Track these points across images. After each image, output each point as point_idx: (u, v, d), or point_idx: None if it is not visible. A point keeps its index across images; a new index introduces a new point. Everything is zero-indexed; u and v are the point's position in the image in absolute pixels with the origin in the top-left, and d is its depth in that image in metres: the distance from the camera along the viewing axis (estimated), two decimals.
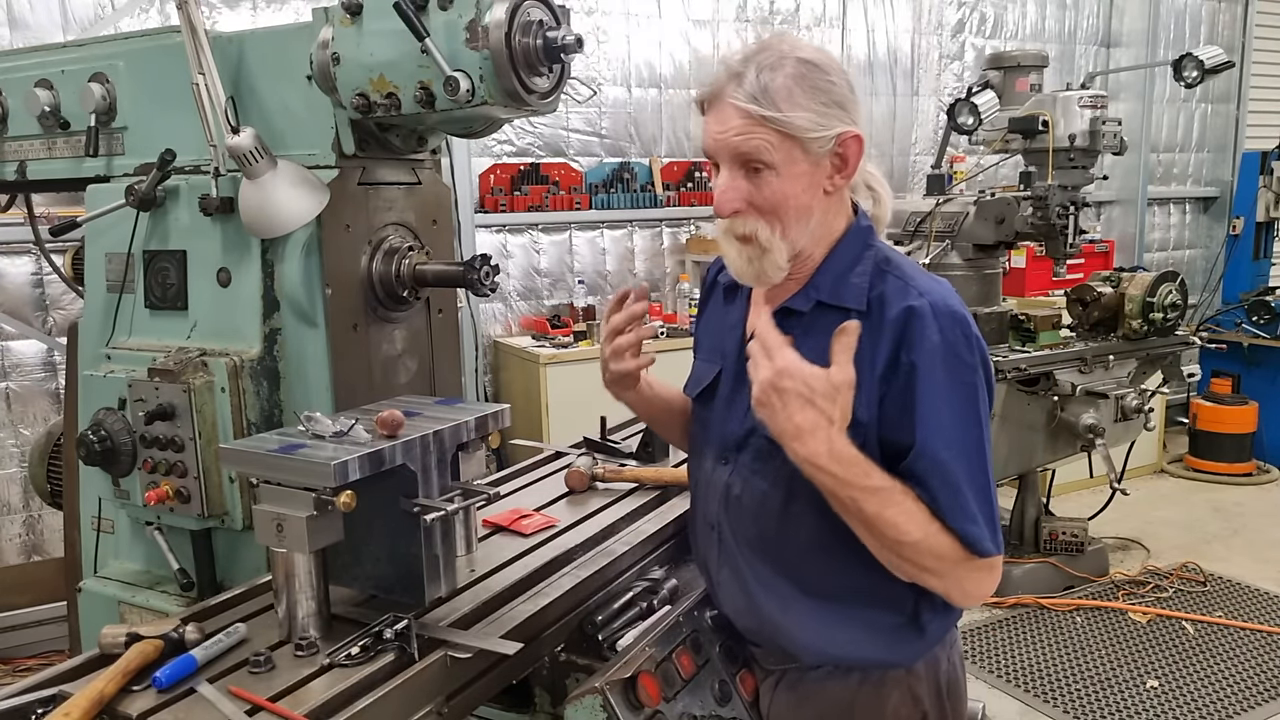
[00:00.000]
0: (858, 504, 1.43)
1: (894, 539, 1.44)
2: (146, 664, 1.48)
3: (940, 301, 1.48)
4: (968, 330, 1.48)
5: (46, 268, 4.23)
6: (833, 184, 1.52)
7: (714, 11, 6.07)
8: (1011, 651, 4.32)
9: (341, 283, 2.00)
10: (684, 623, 1.71)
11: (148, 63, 2.14)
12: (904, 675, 1.60)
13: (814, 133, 1.45)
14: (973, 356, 1.47)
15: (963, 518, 1.44)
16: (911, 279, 1.52)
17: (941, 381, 1.45)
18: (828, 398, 1.37)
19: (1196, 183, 8.41)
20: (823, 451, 1.39)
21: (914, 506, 1.44)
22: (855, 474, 1.41)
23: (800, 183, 1.48)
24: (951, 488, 1.44)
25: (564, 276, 5.77)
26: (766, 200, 1.49)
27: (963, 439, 1.46)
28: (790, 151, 1.46)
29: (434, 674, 1.54)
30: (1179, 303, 4.84)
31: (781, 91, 1.44)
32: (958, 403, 1.46)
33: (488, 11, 1.70)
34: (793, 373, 1.38)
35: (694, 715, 1.60)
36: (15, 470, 4.42)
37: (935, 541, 1.44)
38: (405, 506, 1.63)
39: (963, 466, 1.45)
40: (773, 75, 1.44)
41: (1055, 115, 4.67)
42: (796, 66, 1.45)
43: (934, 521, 1.44)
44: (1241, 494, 6.42)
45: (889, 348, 1.46)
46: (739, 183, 1.49)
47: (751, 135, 1.46)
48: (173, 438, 1.94)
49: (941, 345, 1.44)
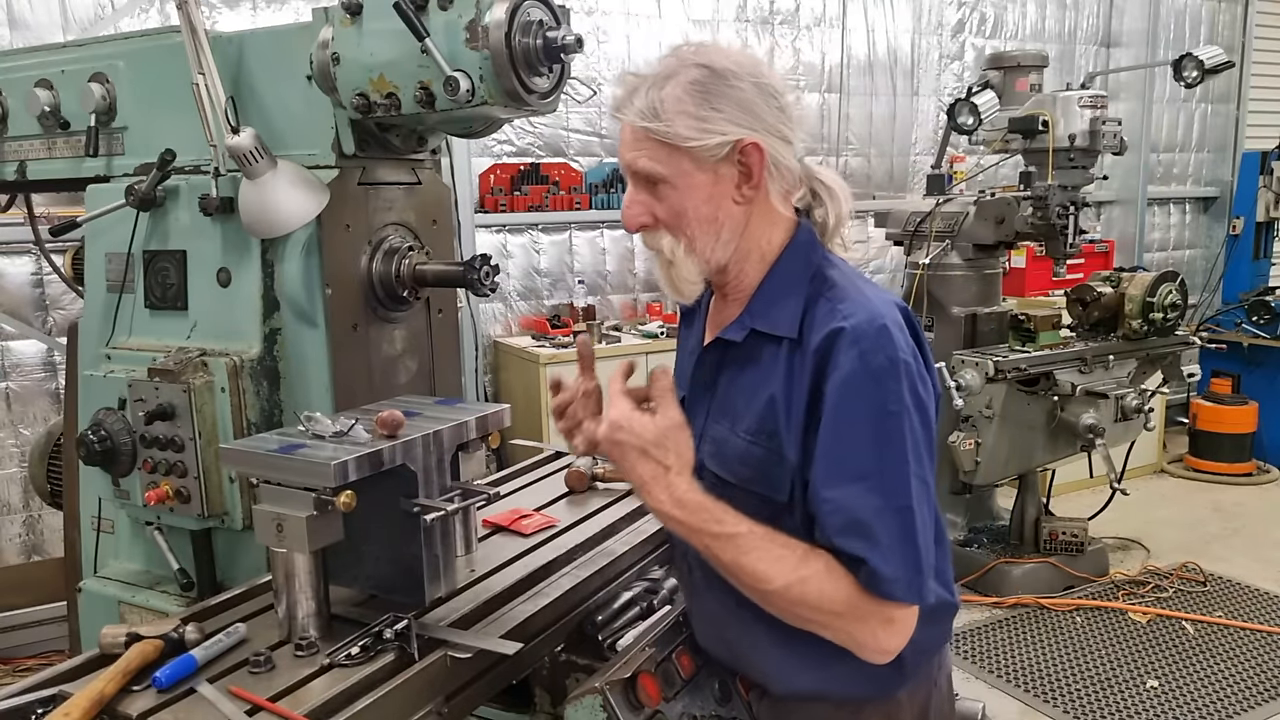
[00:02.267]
0: (711, 551, 1.39)
1: (755, 587, 1.38)
2: (146, 664, 1.48)
3: (865, 322, 1.38)
4: (895, 354, 1.36)
5: (46, 268, 4.22)
6: (741, 195, 1.44)
7: (714, 11, 6.07)
8: (1011, 651, 4.32)
9: (341, 283, 2.00)
10: (684, 623, 1.71)
11: (148, 63, 2.14)
12: (883, 704, 1.53)
13: (696, 141, 1.39)
14: (897, 383, 1.36)
15: (872, 554, 1.33)
16: (840, 299, 1.43)
17: (851, 409, 1.35)
18: (659, 446, 1.37)
19: (1196, 183, 8.41)
20: (665, 499, 1.37)
21: (780, 552, 1.36)
22: (703, 519, 1.37)
23: (698, 194, 1.43)
24: (853, 525, 1.34)
25: (564, 276, 5.77)
26: (667, 213, 1.45)
27: (879, 471, 1.35)
28: (679, 163, 1.41)
29: (434, 674, 1.54)
30: (1179, 303, 4.84)
31: (668, 102, 1.39)
32: (869, 431, 1.35)
33: (488, 11, 1.71)
34: (623, 424, 1.38)
35: (694, 715, 1.60)
36: (15, 470, 4.42)
37: (808, 590, 1.35)
38: (405, 506, 1.63)
39: (874, 501, 1.34)
40: (663, 87, 1.40)
41: (1055, 115, 4.67)
42: (693, 73, 1.40)
43: (809, 566, 1.35)
44: (1241, 494, 6.41)
45: (810, 377, 1.39)
46: (641, 197, 1.46)
47: (640, 151, 1.43)
48: (173, 438, 1.94)
49: (858, 371, 1.35)
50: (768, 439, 1.44)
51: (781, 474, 1.43)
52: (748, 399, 1.47)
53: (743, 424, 1.47)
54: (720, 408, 1.52)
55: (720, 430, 1.50)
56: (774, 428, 1.43)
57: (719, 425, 1.51)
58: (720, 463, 1.49)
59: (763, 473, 1.44)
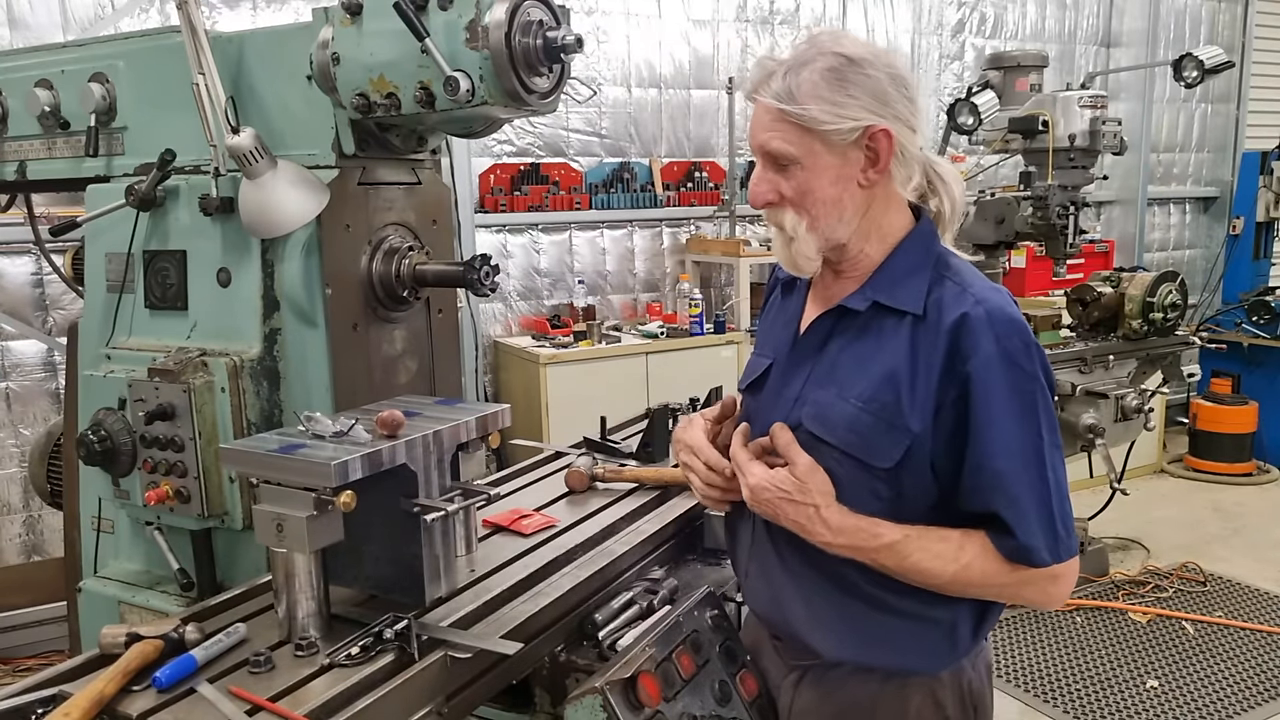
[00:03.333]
0: (879, 562, 1.49)
1: (927, 582, 1.49)
2: (146, 664, 1.48)
3: (997, 309, 1.47)
4: (1026, 338, 1.47)
5: (46, 268, 4.23)
6: (866, 178, 1.51)
7: (714, 11, 6.07)
8: (1011, 651, 4.32)
9: (341, 283, 2.00)
10: (684, 623, 1.71)
11: (148, 63, 2.14)
12: (928, 680, 1.59)
13: (830, 125, 1.45)
14: (1031, 364, 1.46)
15: (1020, 531, 1.45)
16: (969, 285, 1.51)
17: (998, 391, 1.44)
18: (801, 490, 1.48)
19: (1196, 183, 8.41)
20: (825, 533, 1.48)
21: (938, 547, 1.47)
22: (864, 539, 1.48)
23: (826, 175, 1.49)
24: (1009, 499, 1.45)
25: (564, 276, 5.77)
26: (793, 192, 1.51)
27: (1022, 448, 1.45)
28: (811, 145, 1.47)
29: (434, 674, 1.54)
30: (1179, 303, 4.84)
31: (805, 86, 1.45)
32: (1015, 411, 1.45)
33: (488, 11, 1.70)
34: (765, 485, 1.50)
35: (694, 715, 1.60)
36: (15, 470, 4.42)
37: (975, 571, 1.47)
38: (405, 506, 1.63)
39: (1022, 477, 1.45)
40: (800, 71, 1.46)
41: (1055, 115, 4.67)
42: (830, 60, 1.46)
43: (968, 549, 1.47)
44: (1241, 494, 6.41)
45: (944, 356, 1.46)
46: (769, 175, 1.52)
47: (774, 132, 1.48)
48: (173, 438, 1.94)
49: (998, 354, 1.44)
50: (881, 408, 1.49)
51: (890, 443, 1.49)
52: (861, 367, 1.53)
53: (853, 390, 1.52)
54: (826, 373, 1.58)
55: (825, 395, 1.55)
56: (892, 398, 1.48)
57: (824, 390, 1.56)
58: (822, 424, 1.54)
59: (868, 439, 1.50)
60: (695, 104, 6.07)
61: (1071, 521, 1.50)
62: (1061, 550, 1.47)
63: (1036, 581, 1.48)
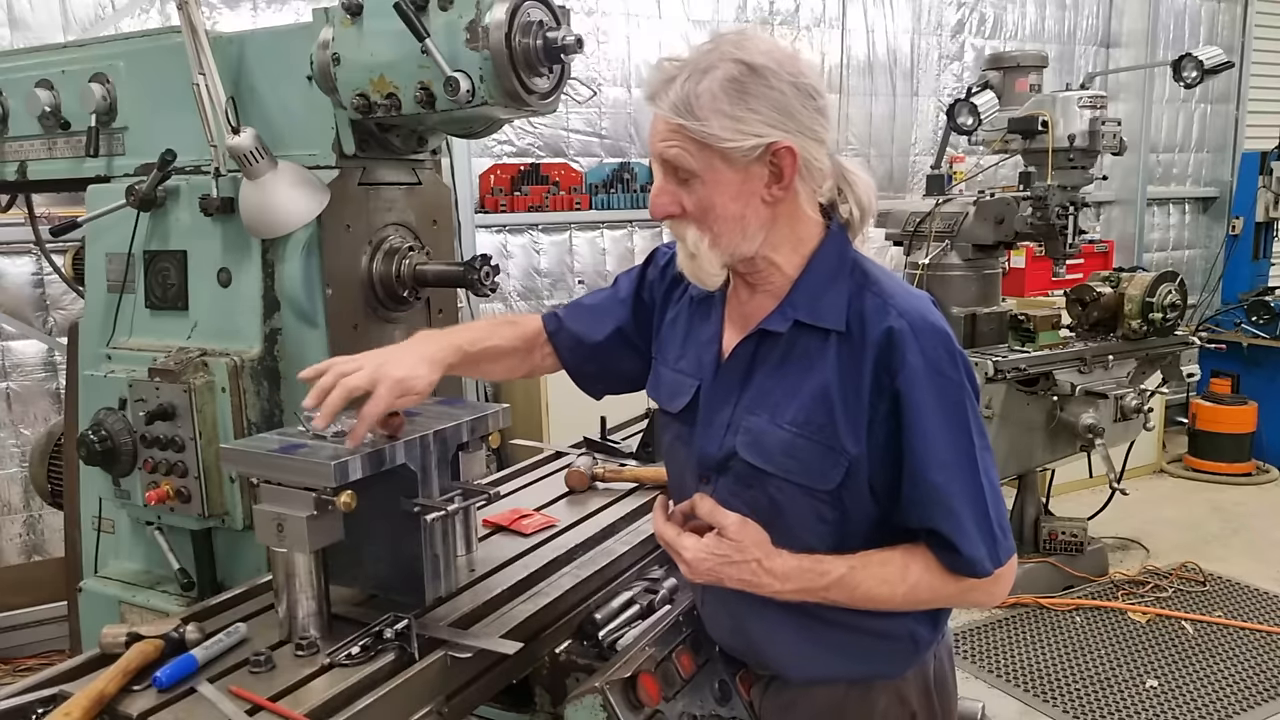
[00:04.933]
0: (829, 599, 1.48)
1: (880, 607, 1.50)
2: (147, 664, 1.48)
3: (919, 319, 1.44)
4: (949, 345, 1.45)
5: (47, 268, 4.22)
6: (771, 194, 1.44)
7: (714, 12, 6.07)
8: (1011, 651, 4.32)
9: (342, 283, 2.00)
10: (684, 623, 1.71)
11: (148, 63, 2.14)
12: (893, 681, 1.59)
13: (731, 142, 1.38)
14: (957, 372, 1.45)
15: (963, 545, 1.44)
16: (890, 296, 1.47)
17: (927, 402, 1.42)
18: (739, 550, 1.45)
19: (1196, 183, 8.41)
20: (772, 583, 1.46)
21: (884, 571, 1.47)
22: (811, 579, 1.46)
23: (727, 191, 1.43)
24: (947, 512, 1.44)
25: (564, 277, 5.77)
26: (694, 206, 1.45)
27: (955, 458, 1.44)
28: (710, 160, 1.41)
29: (434, 674, 1.54)
30: (1178, 303, 4.84)
31: (704, 98, 1.38)
32: (945, 421, 1.43)
33: (488, 12, 1.71)
34: (701, 557, 1.46)
35: (694, 715, 1.60)
36: (16, 470, 4.42)
37: (923, 589, 1.48)
38: (405, 506, 1.63)
39: (957, 486, 1.44)
40: (699, 81, 1.38)
41: (1055, 115, 4.67)
42: (731, 69, 1.38)
43: (913, 568, 1.47)
44: (1241, 494, 6.41)
45: (871, 372, 1.44)
46: (669, 187, 1.46)
47: (671, 143, 1.42)
48: (173, 438, 1.94)
49: (924, 366, 1.42)
50: (817, 430, 1.46)
51: (829, 464, 1.46)
52: (791, 390, 1.49)
53: (786, 415, 1.48)
54: (756, 398, 1.53)
55: (758, 421, 1.51)
56: (827, 420, 1.45)
57: (756, 416, 1.52)
58: (758, 453, 1.50)
59: (807, 464, 1.47)
60: None
61: (1006, 521, 1.51)
62: (1001, 554, 1.47)
63: (981, 586, 1.49)
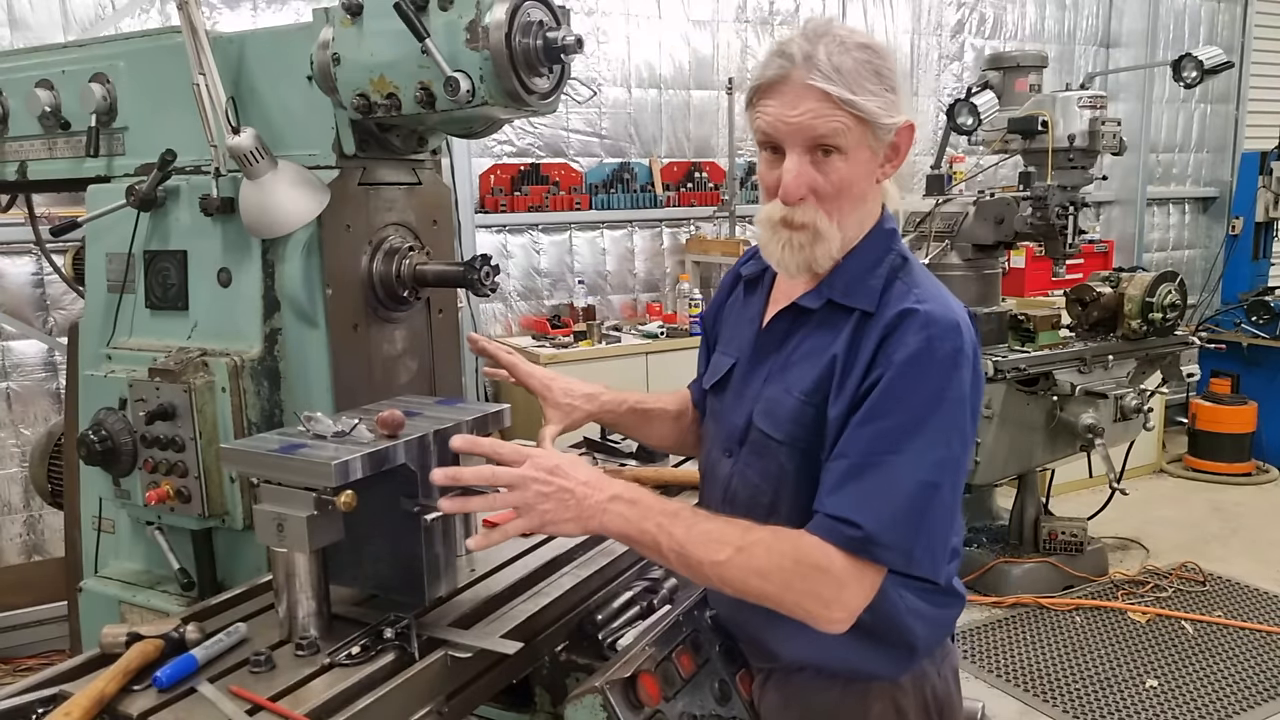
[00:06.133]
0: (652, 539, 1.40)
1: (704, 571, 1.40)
2: (147, 664, 1.48)
3: (939, 311, 1.42)
4: (957, 343, 1.40)
5: (47, 268, 4.23)
6: (883, 173, 1.46)
7: (714, 12, 6.07)
8: (1011, 651, 4.32)
9: (342, 283, 2.00)
10: (684, 623, 1.71)
11: (148, 63, 2.14)
12: (889, 687, 1.56)
13: (883, 119, 1.39)
14: (956, 370, 1.39)
15: (826, 494, 1.37)
16: (918, 285, 1.47)
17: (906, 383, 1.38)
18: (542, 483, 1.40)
19: (1196, 183, 8.41)
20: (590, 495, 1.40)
21: (719, 527, 1.40)
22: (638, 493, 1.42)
23: (862, 169, 1.43)
24: (841, 458, 1.37)
25: (564, 277, 5.77)
26: (831, 186, 1.42)
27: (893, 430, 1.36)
28: (861, 136, 1.40)
29: (434, 674, 1.54)
30: (1178, 303, 4.85)
31: (853, 74, 1.37)
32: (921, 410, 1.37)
33: (488, 12, 1.71)
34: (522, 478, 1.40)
35: (694, 715, 1.60)
36: (16, 470, 4.42)
37: (759, 550, 1.37)
38: (406, 506, 1.63)
39: (873, 451, 1.36)
40: (843, 57, 1.38)
41: (1055, 115, 4.67)
42: (859, 51, 1.39)
43: (761, 530, 1.39)
44: (1241, 494, 6.42)
45: (875, 346, 1.42)
46: (808, 168, 1.42)
47: (829, 118, 1.38)
48: (173, 438, 1.94)
49: (924, 353, 1.38)
50: (822, 399, 1.46)
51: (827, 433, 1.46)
52: (811, 362, 1.50)
53: (800, 385, 1.49)
54: (780, 369, 1.55)
55: (775, 390, 1.53)
56: (829, 388, 1.45)
57: (775, 386, 1.53)
58: (770, 421, 1.52)
59: (811, 431, 1.47)
60: (695, 104, 6.07)
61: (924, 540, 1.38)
62: (877, 551, 1.35)
63: (826, 575, 1.35)
